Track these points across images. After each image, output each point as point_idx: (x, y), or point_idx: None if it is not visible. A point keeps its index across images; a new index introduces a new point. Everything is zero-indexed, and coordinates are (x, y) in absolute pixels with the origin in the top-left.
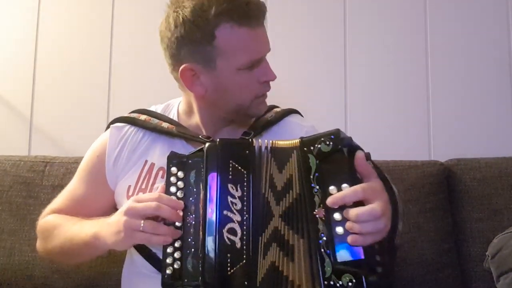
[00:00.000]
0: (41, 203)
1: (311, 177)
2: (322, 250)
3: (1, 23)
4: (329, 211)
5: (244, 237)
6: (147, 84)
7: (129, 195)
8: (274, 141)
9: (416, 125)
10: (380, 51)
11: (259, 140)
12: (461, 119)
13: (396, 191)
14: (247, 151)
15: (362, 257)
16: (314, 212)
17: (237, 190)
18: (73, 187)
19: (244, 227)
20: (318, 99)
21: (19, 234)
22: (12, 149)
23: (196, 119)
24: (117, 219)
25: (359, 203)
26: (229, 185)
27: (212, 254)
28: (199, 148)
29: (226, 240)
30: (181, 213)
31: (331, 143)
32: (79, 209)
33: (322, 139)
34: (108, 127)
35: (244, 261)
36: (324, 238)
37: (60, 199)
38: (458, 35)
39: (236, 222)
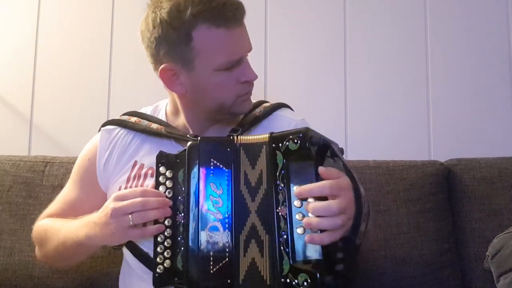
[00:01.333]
0: (41, 203)
1: (277, 174)
2: (282, 248)
3: (1, 24)
4: (291, 210)
5: (227, 235)
6: (147, 84)
7: None
8: (244, 137)
9: (416, 125)
10: (380, 51)
11: (240, 137)
12: (461, 119)
13: (363, 191)
14: (228, 149)
15: (320, 257)
16: (277, 210)
17: (218, 188)
18: (66, 191)
19: (226, 225)
20: (318, 99)
21: (19, 234)
22: (12, 149)
23: (182, 119)
24: (104, 221)
25: (323, 199)
26: (211, 184)
27: (195, 253)
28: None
29: (209, 238)
30: (169, 212)
31: (299, 141)
32: (73, 213)
33: (291, 136)
34: (99, 130)
35: (226, 259)
36: (285, 237)
37: (55, 204)
38: (458, 36)
39: (217, 220)
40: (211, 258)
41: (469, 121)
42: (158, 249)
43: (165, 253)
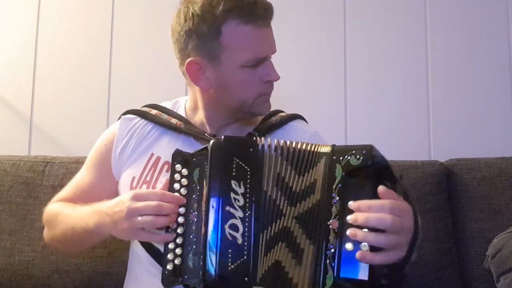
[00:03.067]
0: (41, 203)
1: (333, 187)
2: (328, 261)
3: (1, 24)
4: (343, 225)
5: (246, 233)
6: (147, 85)
7: (133, 186)
8: (298, 143)
9: (416, 125)
10: (380, 51)
11: (262, 139)
12: (461, 119)
13: (420, 221)
14: (251, 149)
15: (366, 278)
16: (328, 223)
17: (240, 187)
18: (80, 176)
19: (246, 224)
20: (318, 99)
21: (19, 234)
22: (12, 149)
23: (200, 115)
24: (118, 217)
25: None
26: (232, 182)
27: (213, 249)
28: (204, 146)
29: (228, 235)
30: (183, 210)
31: (361, 157)
32: (84, 198)
33: (353, 152)
34: (119, 118)
35: (245, 257)
36: (332, 250)
37: (67, 188)
38: (458, 36)
39: (238, 218)
40: (229, 256)
41: (469, 121)
42: (169, 246)
43: (177, 251)
